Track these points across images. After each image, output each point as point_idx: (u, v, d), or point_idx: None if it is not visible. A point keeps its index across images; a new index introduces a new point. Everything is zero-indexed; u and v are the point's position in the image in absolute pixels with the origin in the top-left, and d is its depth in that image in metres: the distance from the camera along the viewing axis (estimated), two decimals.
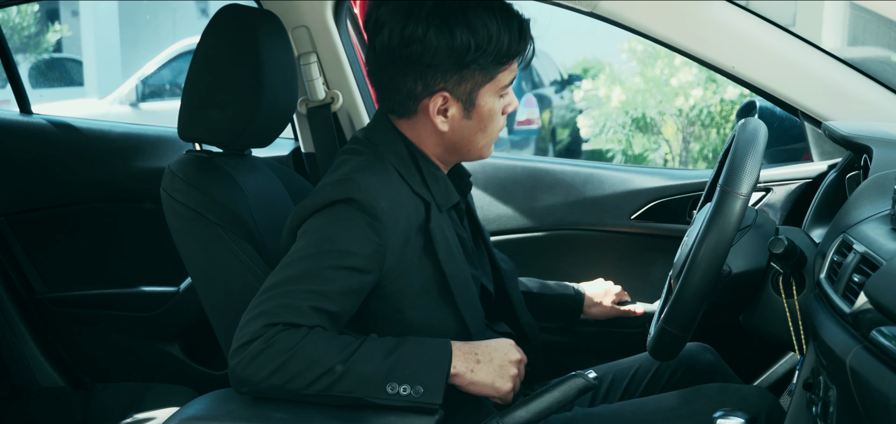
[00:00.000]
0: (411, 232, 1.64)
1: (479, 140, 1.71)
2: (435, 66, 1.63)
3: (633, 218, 2.31)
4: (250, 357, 1.49)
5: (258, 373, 1.50)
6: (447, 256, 1.68)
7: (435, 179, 1.71)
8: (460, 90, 1.66)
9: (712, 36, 1.90)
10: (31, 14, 11.16)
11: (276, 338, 1.49)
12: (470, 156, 1.75)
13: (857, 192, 1.65)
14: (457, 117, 1.68)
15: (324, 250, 1.57)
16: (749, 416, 1.53)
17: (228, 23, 1.84)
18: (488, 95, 1.68)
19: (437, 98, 1.66)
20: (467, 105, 1.67)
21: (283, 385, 1.50)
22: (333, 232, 1.58)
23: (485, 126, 1.70)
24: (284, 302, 1.52)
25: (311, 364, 1.49)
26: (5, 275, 2.79)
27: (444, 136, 1.70)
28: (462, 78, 1.65)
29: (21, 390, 2.78)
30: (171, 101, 8.99)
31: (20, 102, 2.90)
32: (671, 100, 7.34)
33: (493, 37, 1.63)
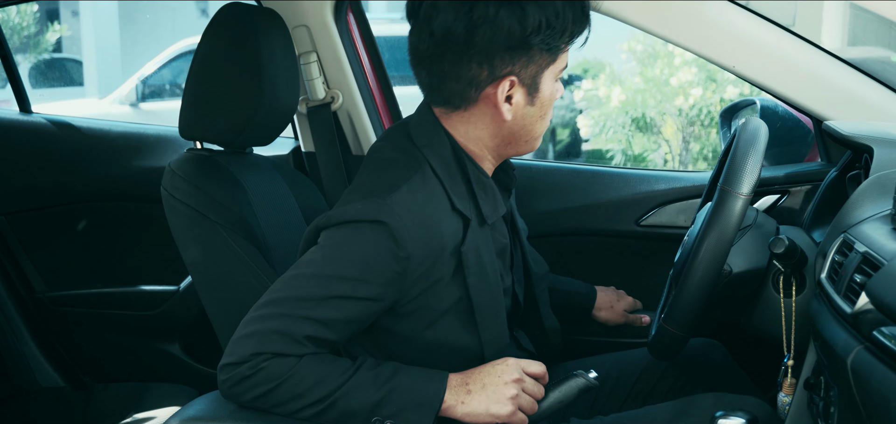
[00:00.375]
0: (442, 256, 1.55)
1: (538, 128, 1.61)
2: (499, 45, 1.51)
3: (640, 223, 2.31)
4: (236, 380, 1.48)
5: (243, 396, 1.48)
6: (477, 280, 1.59)
7: (483, 189, 1.61)
8: (526, 73, 1.55)
9: (713, 35, 1.90)
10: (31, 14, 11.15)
11: (263, 366, 1.46)
12: (525, 147, 1.64)
13: (858, 192, 1.65)
14: (521, 104, 1.57)
15: (337, 274, 1.48)
16: (749, 416, 1.53)
17: (229, 21, 1.84)
18: (550, 79, 1.59)
19: (505, 83, 1.54)
20: (531, 90, 1.57)
21: (269, 409, 1.49)
22: (352, 254, 1.49)
23: (545, 112, 1.61)
24: (280, 328, 1.46)
25: (297, 395, 1.47)
26: (5, 275, 2.78)
27: (503, 127, 1.59)
28: (530, 60, 1.54)
29: (21, 390, 2.78)
30: (171, 101, 8.99)
31: (20, 102, 2.90)
32: (671, 100, 7.34)
33: (560, 12, 1.53)
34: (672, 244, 2.02)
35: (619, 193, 2.33)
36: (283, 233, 1.91)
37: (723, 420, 1.53)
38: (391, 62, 3.78)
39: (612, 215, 2.32)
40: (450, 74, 1.55)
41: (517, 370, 1.56)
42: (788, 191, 2.17)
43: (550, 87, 1.60)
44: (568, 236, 2.36)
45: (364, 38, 2.52)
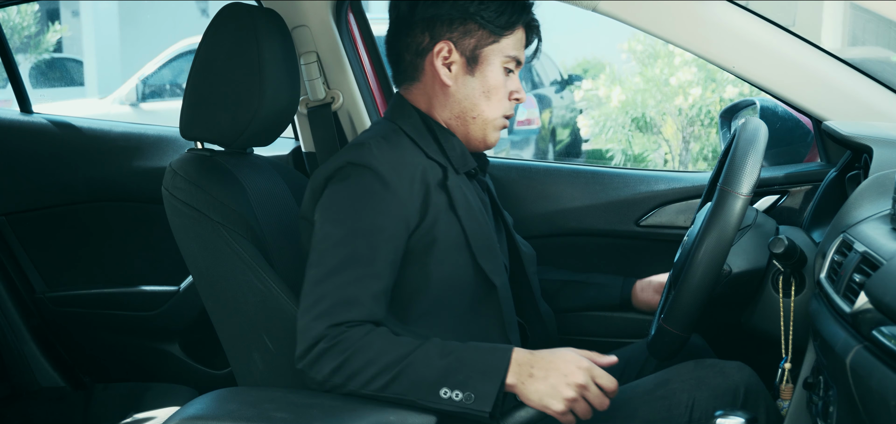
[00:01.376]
0: (430, 190, 1.69)
1: (482, 107, 1.77)
2: (440, 16, 1.74)
3: (640, 223, 2.31)
4: (316, 357, 1.54)
5: (321, 371, 1.54)
6: (466, 212, 1.73)
7: (451, 145, 1.78)
8: (465, 44, 1.75)
9: (713, 35, 1.90)
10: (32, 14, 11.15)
11: (341, 338, 1.54)
12: (475, 130, 1.79)
13: (858, 192, 1.65)
14: (460, 72, 1.76)
15: (354, 231, 1.62)
16: (749, 416, 1.53)
17: (230, 21, 1.84)
18: (493, 58, 1.76)
19: (442, 46, 1.75)
20: (471, 61, 1.76)
21: (344, 383, 1.54)
22: (356, 209, 1.63)
23: (489, 92, 1.77)
24: (341, 298, 1.56)
25: (368, 362, 1.53)
26: (5, 275, 2.79)
27: (449, 95, 1.77)
28: (467, 31, 1.74)
29: (21, 390, 2.78)
30: (172, 101, 8.99)
31: (21, 102, 2.90)
32: (671, 100, 7.34)
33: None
34: (672, 244, 2.03)
35: (619, 193, 2.34)
36: (283, 233, 1.91)
37: (722, 420, 1.53)
38: None
39: (612, 215, 2.32)
40: (402, 49, 1.79)
41: (586, 375, 1.56)
42: (788, 191, 2.17)
43: (496, 71, 1.77)
44: (568, 236, 2.36)
45: (364, 38, 2.52)
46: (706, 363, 1.75)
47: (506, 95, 1.79)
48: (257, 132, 1.86)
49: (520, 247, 1.94)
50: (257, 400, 1.55)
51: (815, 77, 1.89)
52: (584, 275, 2.13)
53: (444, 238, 1.70)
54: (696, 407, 1.68)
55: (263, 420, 1.50)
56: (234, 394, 1.60)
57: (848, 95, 1.88)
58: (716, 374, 1.72)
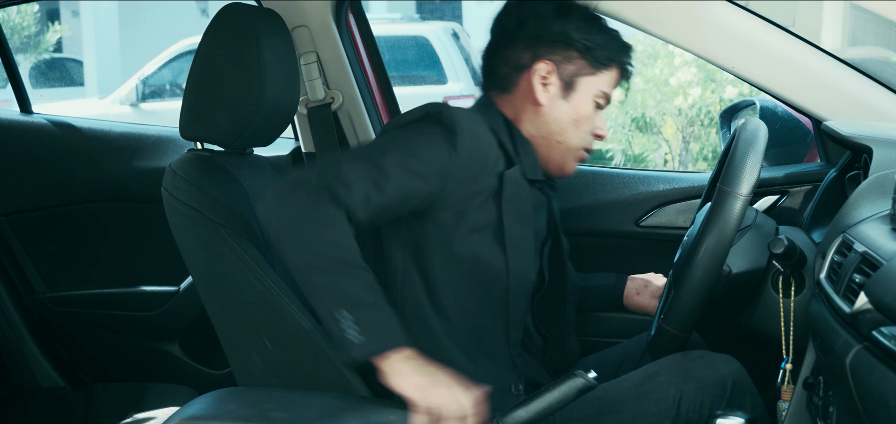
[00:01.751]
0: (485, 172, 1.71)
1: (569, 133, 1.81)
2: (545, 37, 1.78)
3: (639, 223, 2.31)
4: (285, 196, 1.56)
5: (281, 208, 1.56)
6: (511, 206, 1.74)
7: (526, 150, 1.81)
8: (565, 69, 1.80)
9: (712, 35, 1.90)
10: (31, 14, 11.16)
11: (316, 201, 1.55)
12: (554, 154, 1.83)
13: (857, 192, 1.65)
14: (555, 94, 1.80)
15: (394, 145, 1.67)
16: (749, 416, 1.53)
17: (230, 22, 1.84)
18: (588, 89, 1.81)
19: (542, 65, 1.79)
20: (567, 86, 1.80)
21: (287, 235, 1.55)
22: (409, 136, 1.68)
23: (578, 119, 1.82)
24: (341, 176, 1.59)
25: (317, 240, 1.54)
26: (5, 275, 2.79)
27: (540, 113, 1.81)
28: (568, 57, 1.79)
29: (21, 390, 2.78)
30: (172, 101, 8.99)
31: (21, 102, 2.90)
32: (670, 100, 7.34)
33: (603, 32, 1.81)
34: (672, 245, 2.03)
35: (619, 194, 2.34)
36: None
37: (722, 420, 1.54)
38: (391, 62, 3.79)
39: (612, 216, 2.33)
40: (500, 61, 1.83)
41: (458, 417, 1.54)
42: (788, 191, 2.17)
43: (587, 102, 1.81)
44: (568, 237, 2.35)
45: (364, 38, 2.52)
46: (694, 354, 1.76)
47: (591, 128, 1.83)
48: (257, 132, 1.86)
49: (567, 274, 1.94)
50: (257, 400, 1.56)
51: (815, 77, 1.89)
52: (577, 277, 2.12)
53: (475, 219, 1.71)
54: (683, 400, 1.69)
55: (263, 420, 1.50)
56: (234, 394, 1.61)
57: (848, 96, 1.88)
58: (703, 366, 1.72)
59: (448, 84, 8.45)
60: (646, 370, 1.77)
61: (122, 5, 15.47)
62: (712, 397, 1.69)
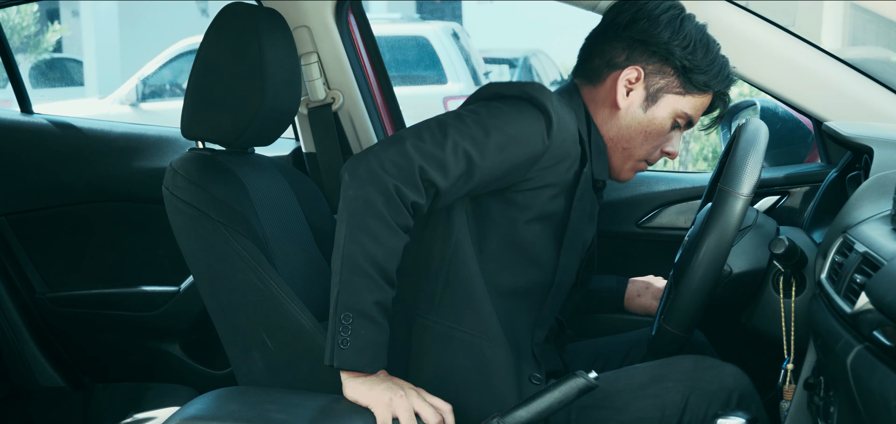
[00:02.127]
0: (565, 165, 1.70)
1: (637, 143, 1.78)
2: (647, 43, 1.74)
3: (640, 224, 2.31)
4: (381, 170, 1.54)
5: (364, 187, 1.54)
6: (580, 205, 1.74)
7: (599, 150, 1.79)
8: (653, 80, 1.76)
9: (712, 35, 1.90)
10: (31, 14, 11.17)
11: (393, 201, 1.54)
12: (616, 158, 1.81)
13: (858, 193, 1.65)
14: (636, 102, 1.77)
15: (496, 124, 1.63)
16: (749, 416, 1.53)
17: (231, 22, 1.84)
18: (670, 108, 1.77)
19: (632, 70, 1.75)
20: (650, 98, 1.77)
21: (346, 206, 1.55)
22: (510, 117, 1.65)
23: (650, 132, 1.78)
24: (442, 157, 1.57)
25: (367, 233, 1.54)
26: (5, 275, 2.79)
27: (615, 116, 1.78)
28: (661, 70, 1.75)
29: (21, 390, 2.78)
30: (172, 101, 9.00)
31: (21, 102, 2.90)
32: None
33: (708, 57, 1.75)
34: (672, 245, 2.03)
35: (619, 194, 2.34)
36: (284, 233, 1.92)
37: (722, 420, 1.54)
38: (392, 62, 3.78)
39: (613, 216, 2.32)
40: (597, 52, 1.80)
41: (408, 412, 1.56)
42: (788, 191, 2.17)
43: (666, 119, 1.77)
44: None
45: (365, 38, 2.52)
46: (705, 363, 1.74)
47: (660, 145, 1.80)
48: (258, 132, 1.86)
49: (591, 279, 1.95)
50: (257, 400, 1.56)
51: (816, 78, 1.89)
52: None
53: (543, 208, 1.71)
54: (687, 409, 1.67)
55: (263, 420, 1.50)
56: (234, 394, 1.61)
57: (848, 96, 1.88)
58: (712, 378, 1.70)
59: (448, 84, 8.45)
60: (654, 371, 1.75)
61: (122, 5, 15.47)
62: (717, 407, 1.67)
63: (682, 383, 1.69)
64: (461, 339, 1.69)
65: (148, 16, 14.69)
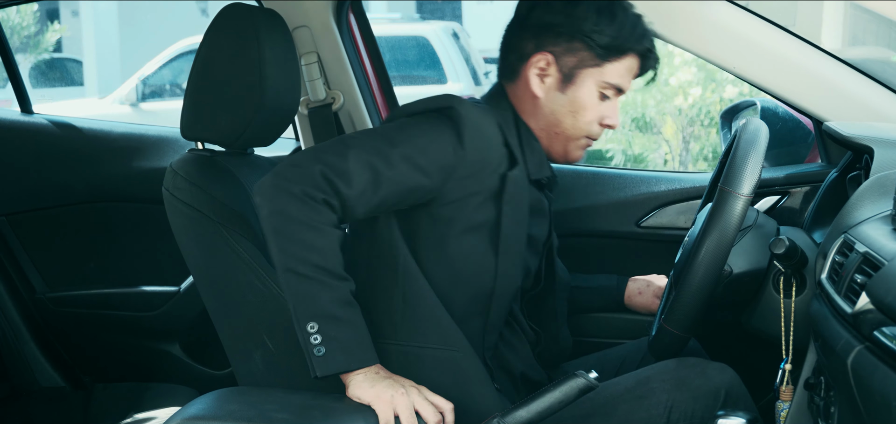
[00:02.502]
0: (487, 171, 1.69)
1: (567, 124, 1.76)
2: (552, 27, 1.73)
3: (640, 224, 2.31)
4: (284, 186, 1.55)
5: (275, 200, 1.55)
6: (510, 208, 1.71)
7: (531, 149, 1.78)
8: (565, 61, 1.74)
9: (712, 35, 1.90)
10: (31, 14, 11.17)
11: (309, 202, 1.54)
12: (556, 144, 1.79)
13: (859, 193, 1.65)
14: (553, 86, 1.76)
15: (402, 137, 1.64)
16: (750, 416, 1.53)
17: (231, 22, 1.84)
18: (589, 81, 1.75)
19: (541, 58, 1.74)
20: (566, 78, 1.75)
21: (272, 228, 1.55)
22: (418, 128, 1.66)
23: (576, 111, 1.76)
24: (345, 167, 1.58)
25: (299, 243, 1.54)
26: (5, 275, 2.78)
27: (538, 107, 1.77)
28: (571, 48, 1.73)
29: (21, 390, 2.78)
30: (172, 101, 8.99)
31: (21, 102, 2.90)
32: (670, 100, 7.34)
33: (614, 19, 1.72)
34: (673, 245, 2.02)
35: (620, 194, 2.34)
36: None
37: (722, 420, 1.53)
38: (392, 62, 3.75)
39: (613, 216, 2.32)
40: (509, 48, 1.80)
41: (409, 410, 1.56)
42: (789, 191, 2.17)
43: (589, 90, 1.75)
44: (568, 237, 2.35)
45: (365, 38, 2.52)
46: (689, 362, 1.74)
47: (595, 118, 1.77)
48: (258, 132, 1.86)
49: (556, 271, 1.93)
50: (258, 401, 1.55)
51: (816, 78, 1.89)
52: (578, 278, 2.12)
53: (469, 219, 1.69)
54: (674, 409, 1.67)
55: (264, 420, 1.50)
56: (235, 394, 1.60)
57: (848, 96, 1.88)
58: (697, 375, 1.70)
59: (448, 84, 8.45)
60: (639, 374, 1.76)
61: (122, 5, 15.47)
62: (705, 406, 1.68)
63: (667, 382, 1.70)
64: (432, 356, 1.68)
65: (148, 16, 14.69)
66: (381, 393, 1.54)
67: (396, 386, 1.55)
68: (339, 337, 1.54)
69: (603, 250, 2.35)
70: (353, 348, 1.55)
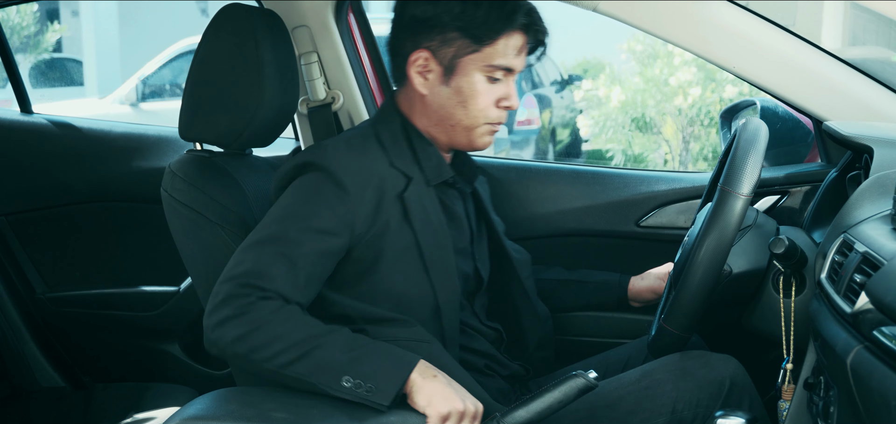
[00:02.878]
0: (385, 199, 1.68)
1: (459, 115, 1.74)
2: (423, 22, 1.71)
3: (640, 224, 2.31)
4: (220, 321, 1.53)
5: (224, 337, 1.53)
6: (423, 226, 1.71)
7: (426, 154, 1.76)
8: (443, 53, 1.71)
9: (713, 35, 1.90)
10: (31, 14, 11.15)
11: (249, 308, 1.53)
12: (457, 135, 1.77)
13: (858, 192, 1.65)
14: (436, 81, 1.73)
15: (291, 213, 1.63)
16: (749, 416, 1.53)
17: (229, 22, 1.84)
18: (472, 68, 1.72)
19: (419, 55, 1.72)
20: (448, 70, 1.72)
21: (247, 354, 1.53)
22: (302, 196, 1.65)
23: (465, 100, 1.73)
24: (256, 267, 1.56)
25: (274, 338, 1.52)
26: (5, 275, 2.78)
27: (427, 105, 1.75)
28: (446, 40, 1.71)
29: (21, 390, 2.78)
30: (172, 101, 8.98)
31: (21, 102, 2.90)
32: (670, 100, 7.34)
33: (482, 3, 1.68)
34: (672, 245, 2.02)
35: (619, 194, 2.33)
36: None
37: (722, 420, 1.54)
38: None
39: (612, 216, 2.32)
40: (392, 52, 1.78)
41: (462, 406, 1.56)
42: (788, 191, 2.17)
43: (475, 80, 1.72)
44: (568, 237, 2.36)
45: (365, 38, 2.52)
46: (692, 354, 1.76)
47: (490, 103, 1.74)
48: (256, 133, 1.86)
49: (510, 253, 1.93)
50: (257, 400, 1.55)
51: (816, 77, 1.89)
52: (580, 273, 2.13)
53: (393, 247, 1.69)
54: (679, 399, 1.69)
55: (263, 420, 1.50)
56: (234, 394, 1.60)
57: (848, 96, 1.88)
58: (701, 365, 1.72)
59: None
60: (643, 368, 1.77)
61: (122, 5, 15.46)
62: (709, 395, 1.69)
63: (671, 373, 1.71)
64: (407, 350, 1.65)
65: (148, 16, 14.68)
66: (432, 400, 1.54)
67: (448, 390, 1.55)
68: (374, 368, 1.53)
69: (603, 249, 2.35)
70: (390, 366, 1.54)
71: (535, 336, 1.93)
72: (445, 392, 1.55)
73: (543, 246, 2.33)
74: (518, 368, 1.88)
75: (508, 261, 1.93)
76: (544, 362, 1.94)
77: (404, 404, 1.56)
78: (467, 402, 1.57)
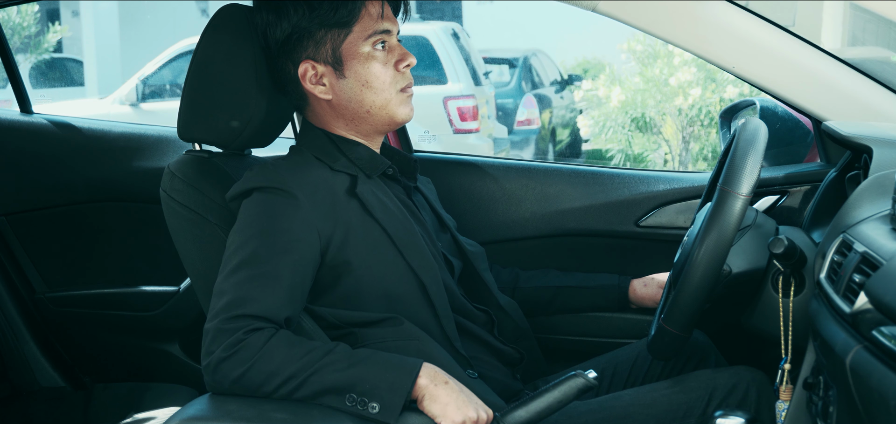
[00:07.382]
0: (338, 200, 1.69)
1: (370, 98, 1.75)
2: (288, 39, 1.72)
3: (639, 224, 2.31)
4: (215, 363, 1.53)
5: (224, 380, 1.53)
6: (384, 213, 1.73)
7: (357, 154, 1.77)
8: (323, 52, 1.73)
9: (712, 35, 1.90)
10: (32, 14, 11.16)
11: (238, 346, 1.52)
12: (376, 119, 1.77)
13: (857, 192, 1.65)
14: (333, 80, 1.74)
15: (253, 234, 1.63)
16: (749, 416, 1.53)
17: (228, 22, 1.84)
18: (354, 50, 1.72)
19: (305, 68, 1.73)
20: (336, 63, 1.73)
21: (249, 391, 1.53)
22: (259, 217, 1.65)
23: (367, 81, 1.74)
24: (236, 296, 1.56)
25: (271, 375, 1.52)
26: (5, 275, 2.79)
27: (336, 107, 1.76)
28: (317, 41, 1.72)
29: (21, 390, 2.78)
30: (172, 101, 8.99)
31: (21, 102, 2.90)
32: (670, 100, 7.35)
33: None
34: (672, 245, 2.03)
35: (619, 194, 2.34)
36: None
37: (722, 420, 1.54)
38: None
39: (612, 216, 2.32)
40: (281, 83, 1.78)
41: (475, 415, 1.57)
42: (788, 191, 2.17)
43: (365, 57, 1.72)
44: (567, 237, 2.36)
45: None
46: (721, 370, 1.80)
47: (390, 69, 1.75)
48: (255, 134, 1.86)
49: (465, 247, 1.94)
50: (257, 400, 1.55)
51: (815, 77, 1.89)
52: (579, 277, 2.12)
53: (365, 243, 1.70)
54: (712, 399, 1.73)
55: (263, 420, 1.50)
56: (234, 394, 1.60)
57: (848, 95, 1.88)
58: (729, 375, 1.76)
59: (448, 84, 8.46)
60: (672, 383, 1.79)
61: (122, 5, 15.47)
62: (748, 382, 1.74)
63: (705, 387, 1.74)
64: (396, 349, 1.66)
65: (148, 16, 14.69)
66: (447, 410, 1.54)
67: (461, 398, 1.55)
68: (376, 383, 1.53)
69: (602, 249, 2.35)
70: (393, 377, 1.54)
71: (506, 327, 1.93)
72: (459, 400, 1.55)
73: (543, 246, 2.33)
74: (512, 351, 1.88)
75: (465, 256, 1.94)
76: (530, 351, 1.93)
77: (411, 408, 1.56)
78: (480, 411, 1.57)
